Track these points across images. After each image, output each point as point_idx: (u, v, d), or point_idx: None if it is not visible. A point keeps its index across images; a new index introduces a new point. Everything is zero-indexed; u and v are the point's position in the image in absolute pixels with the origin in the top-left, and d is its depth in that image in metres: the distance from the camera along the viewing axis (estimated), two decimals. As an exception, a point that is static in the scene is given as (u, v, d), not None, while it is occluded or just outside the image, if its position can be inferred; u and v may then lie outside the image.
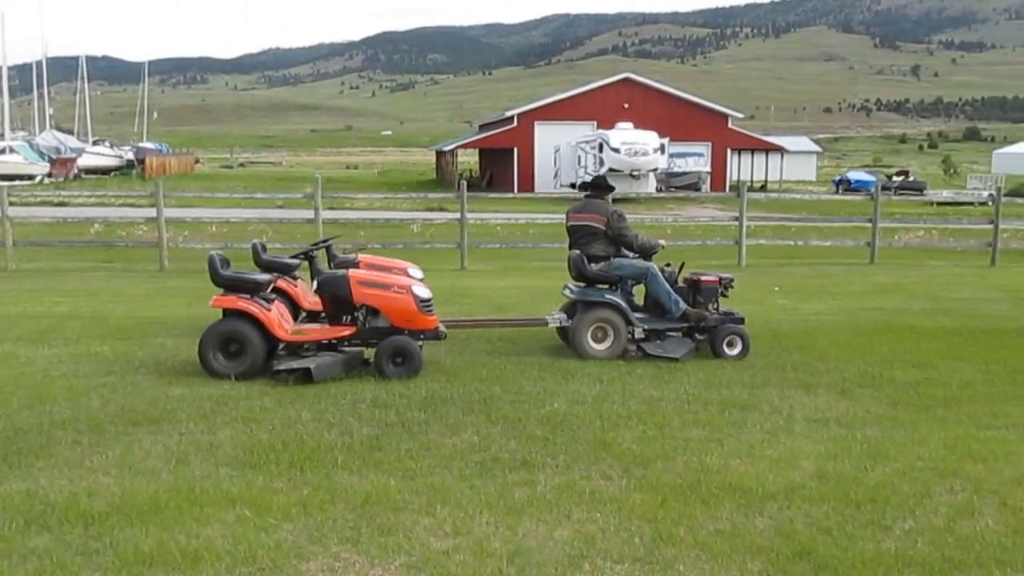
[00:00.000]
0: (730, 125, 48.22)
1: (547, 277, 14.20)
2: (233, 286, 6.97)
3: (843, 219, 22.45)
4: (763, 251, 17.24)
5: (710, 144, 46.70)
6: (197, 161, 71.72)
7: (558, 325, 8.35)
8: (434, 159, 68.14)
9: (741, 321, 8.17)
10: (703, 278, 8.29)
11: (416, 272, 8.59)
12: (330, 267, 8.46)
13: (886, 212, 29.41)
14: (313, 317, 8.13)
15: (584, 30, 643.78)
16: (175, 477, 4.69)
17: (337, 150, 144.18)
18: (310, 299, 8.21)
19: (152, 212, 15.81)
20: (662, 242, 8.60)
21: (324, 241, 9.24)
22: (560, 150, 43.22)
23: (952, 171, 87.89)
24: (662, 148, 38.63)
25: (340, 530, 4.06)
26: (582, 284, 8.15)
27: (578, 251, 8.10)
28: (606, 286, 8.05)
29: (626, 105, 44.63)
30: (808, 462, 5.04)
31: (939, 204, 39.69)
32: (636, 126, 39.45)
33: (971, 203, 35.65)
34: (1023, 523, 4.23)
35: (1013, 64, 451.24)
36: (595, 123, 43.42)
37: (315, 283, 7.52)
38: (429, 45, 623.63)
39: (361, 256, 8.98)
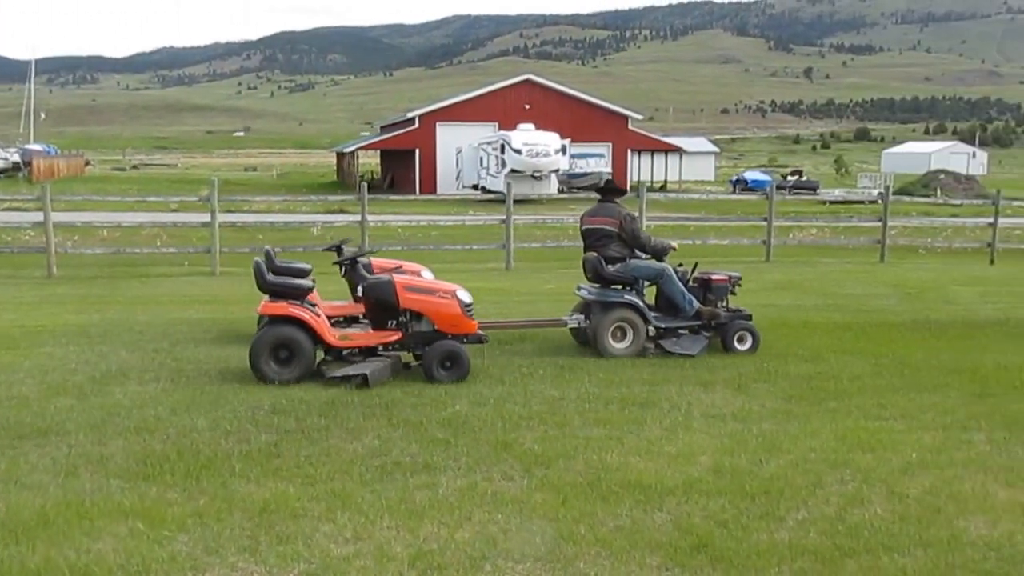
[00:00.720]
0: (630, 126, 48.95)
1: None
2: (279, 292, 6.90)
3: (740, 218, 23.02)
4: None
5: (611, 145, 47.32)
6: (87, 163, 69.06)
7: (576, 325, 8.51)
8: (335, 161, 67.22)
9: (749, 318, 8.50)
10: (714, 277, 8.61)
11: (428, 274, 8.49)
12: (341, 271, 8.42)
13: (781, 211, 30.29)
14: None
15: (485, 31, 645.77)
16: (64, 491, 4.49)
17: (235, 151, 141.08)
18: (327, 304, 8.03)
19: (39, 216, 15.14)
20: (674, 244, 8.77)
21: (339, 244, 9.10)
22: (462, 151, 43.18)
23: (844, 171, 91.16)
24: (563, 149, 38.98)
25: (238, 539, 3.95)
26: (596, 285, 8.33)
27: (595, 253, 8.27)
28: (621, 287, 8.25)
29: (527, 106, 44.88)
30: (706, 457, 5.14)
31: (831, 203, 41.14)
32: (538, 127, 39.67)
33: (861, 201, 36.94)
34: (909, 510, 4.39)
35: (900, 67, 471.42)
36: (497, 124, 43.52)
37: (360, 289, 7.49)
38: (329, 45, 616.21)
39: (373, 260, 8.78)
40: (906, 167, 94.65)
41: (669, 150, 53.93)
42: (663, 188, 51.39)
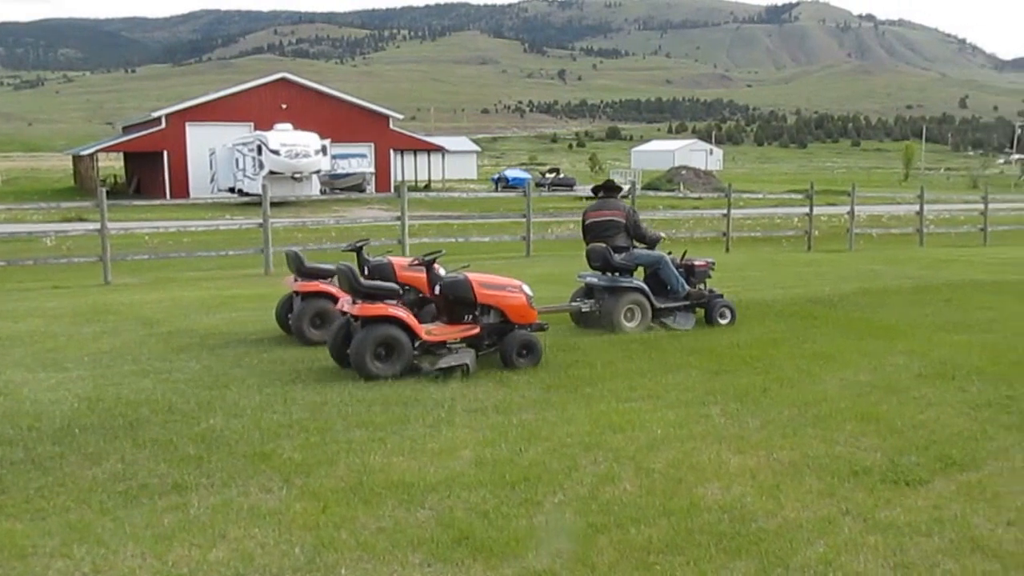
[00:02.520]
0: (392, 126, 48.98)
1: (203, 288, 13.58)
2: (373, 294, 7.26)
3: (501, 215, 23.60)
4: (426, 249, 17.66)
5: (373, 145, 47.13)
6: None
7: (588, 310, 9.32)
8: (71, 165, 62.36)
9: (722, 297, 9.69)
10: (696, 263, 9.83)
11: (441, 270, 8.40)
12: (361, 271, 8.67)
13: (540, 207, 31.41)
14: None
15: (236, 27, 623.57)
16: None
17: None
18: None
19: None
20: (662, 234, 10.12)
21: (358, 244, 9.34)
22: (216, 153, 41.48)
23: (598, 167, 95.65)
24: (324, 149, 38.34)
25: (-44, 588, 3.57)
26: (599, 273, 9.32)
27: (603, 243, 9.26)
28: (627, 273, 9.28)
29: (284, 106, 43.80)
30: (467, 451, 5.22)
31: (587, 198, 43.08)
32: (296, 127, 38.81)
33: (613, 197, 38.85)
34: (655, 483, 4.68)
35: (644, 70, 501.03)
36: (252, 124, 42.19)
37: (437, 287, 7.78)
38: (59, 38, 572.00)
39: (391, 258, 9.12)
40: (654, 164, 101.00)
41: (431, 149, 54.42)
42: (427, 187, 51.81)
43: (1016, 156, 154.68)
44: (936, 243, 23.02)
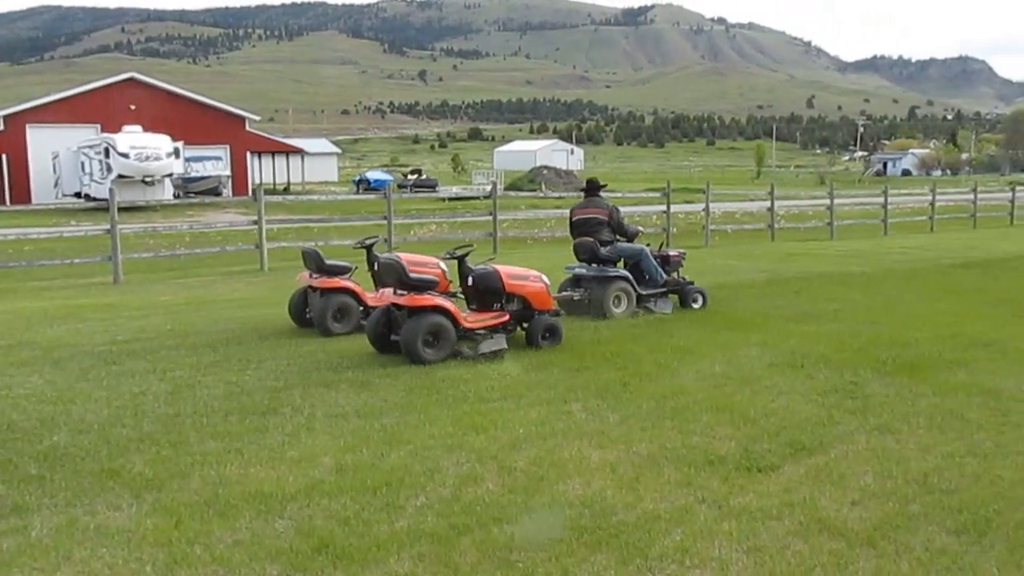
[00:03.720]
0: (248, 128, 47.72)
1: (47, 298, 12.87)
2: (419, 286, 7.81)
3: (362, 218, 23.28)
4: (285, 253, 17.26)
5: (228, 147, 45.80)
6: None
7: (578, 298, 10.02)
8: None
9: (693, 284, 10.71)
10: (670, 254, 10.88)
11: (444, 266, 8.66)
12: (371, 267, 9.31)
13: (402, 209, 31.21)
14: (369, 313, 8.76)
15: (80, 25, 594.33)
16: None
17: None
18: (370, 296, 9.11)
19: None
20: (641, 228, 11.51)
21: (368, 242, 9.91)
22: (60, 156, 39.42)
23: (460, 168, 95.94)
24: (176, 152, 36.99)
25: None
26: (585, 265, 10.24)
27: (591, 238, 10.18)
28: (611, 265, 10.19)
29: (133, 107, 41.99)
30: (328, 457, 5.11)
31: (450, 199, 43.12)
32: (146, 129, 37.28)
33: (477, 197, 38.97)
34: (517, 482, 4.70)
35: (505, 71, 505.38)
36: (99, 126, 40.30)
37: (469, 278, 8.33)
38: None
39: (399, 254, 9.01)
40: (516, 164, 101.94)
41: (290, 151, 53.35)
42: (286, 190, 50.70)
43: (860, 153, 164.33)
44: (786, 238, 24.14)
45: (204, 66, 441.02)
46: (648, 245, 10.72)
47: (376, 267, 9.01)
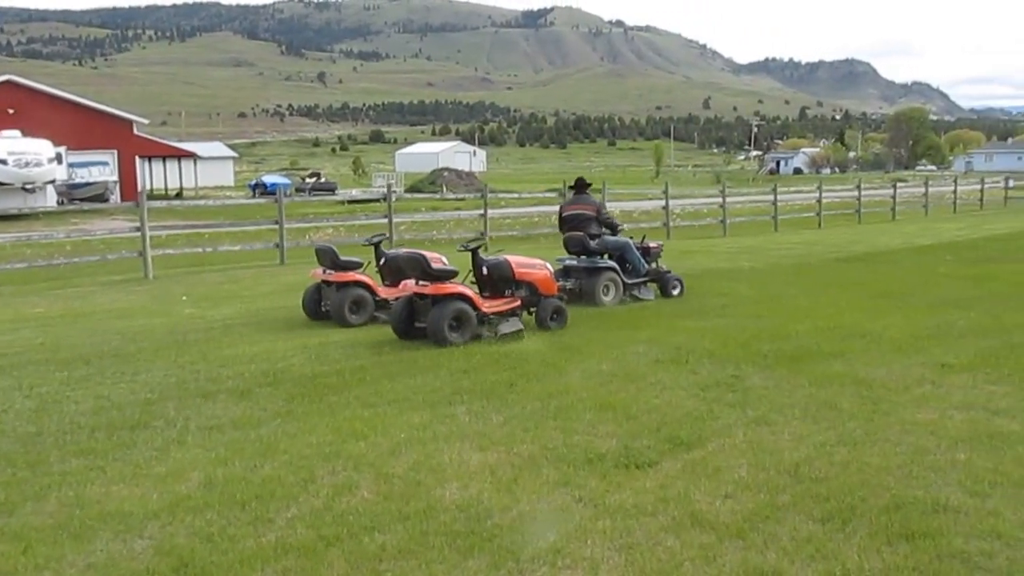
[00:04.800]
0: (137, 132, 46.20)
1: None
2: (442, 276, 8.53)
3: (254, 223, 22.80)
4: (173, 261, 16.75)
5: (116, 152, 44.22)
6: None
7: (571, 287, 10.75)
8: None
9: (671, 272, 11.75)
10: (651, 246, 11.88)
11: (444, 260, 9.15)
12: (378, 263, 10.18)
13: (299, 213, 30.67)
14: (382, 305, 9.77)
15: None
16: None
17: None
18: (381, 290, 9.90)
19: None
20: (621, 224, 12.21)
21: (376, 240, 10.72)
22: (-69, 162, 37.36)
23: (361, 171, 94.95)
24: (59, 158, 35.53)
25: None
26: (575, 257, 11.13)
27: (581, 232, 11.07)
28: (600, 256, 11.10)
29: (11, 111, 40.13)
30: (197, 472, 4.90)
31: (350, 202, 42.62)
32: (26, 134, 35.65)
33: (377, 200, 38.57)
34: (393, 488, 4.59)
35: (406, 73, 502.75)
36: (-25, 132, 38.35)
37: (483, 268, 9.08)
38: None
39: (404, 250, 10.42)
40: (418, 166, 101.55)
41: (182, 156, 51.84)
42: (179, 195, 49.30)
43: (755, 153, 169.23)
44: (682, 235, 24.57)
45: (91, 68, 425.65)
46: (631, 238, 11.69)
47: (383, 262, 10.10)
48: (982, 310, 9.88)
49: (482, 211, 20.67)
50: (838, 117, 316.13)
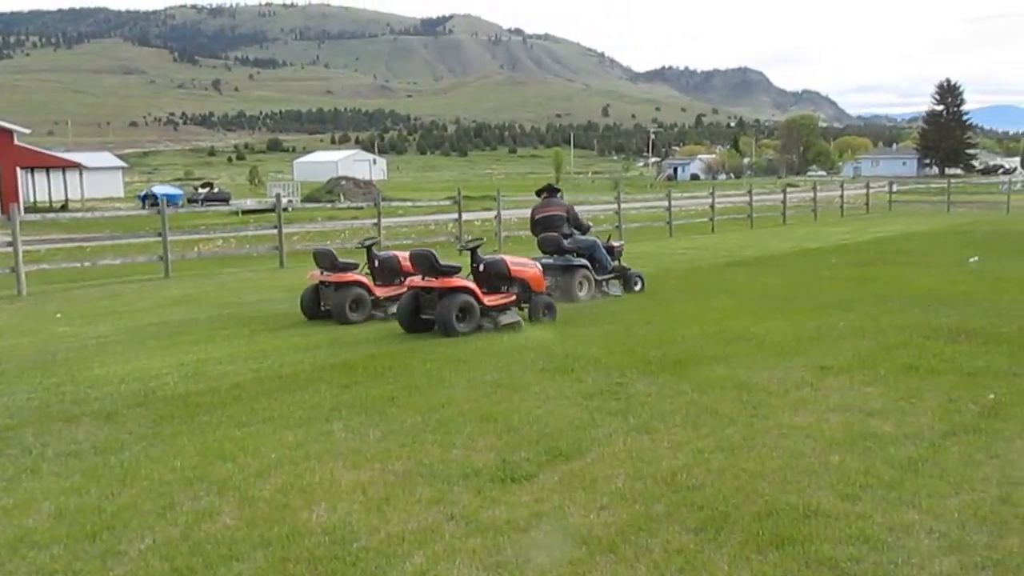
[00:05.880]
0: (17, 141, 44.19)
1: None
2: (448, 272, 9.15)
3: (136, 235, 22.01)
4: (49, 276, 15.97)
5: (-5, 162, 42.19)
6: None
7: (549, 283, 10.95)
8: None
9: (631, 269, 12.78)
10: (615, 244, 12.96)
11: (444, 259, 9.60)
12: (371, 264, 10.96)
13: (189, 224, 29.77)
14: (377, 304, 10.62)
15: None
16: None
17: None
18: (377, 290, 10.70)
19: None
20: (591, 224, 13.68)
21: (368, 243, 11.47)
22: None
23: (257, 180, 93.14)
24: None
25: None
26: (550, 256, 11.77)
27: (554, 233, 11.93)
28: (573, 255, 11.85)
29: None
30: (48, 503, 4.59)
31: (244, 213, 41.62)
32: None
33: (272, 210, 37.78)
34: (258, 512, 4.37)
35: (303, 80, 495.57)
36: None
37: (481, 265, 9.67)
38: None
39: (394, 252, 11.34)
40: (317, 175, 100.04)
41: (67, 166, 49.82)
42: (64, 208, 47.37)
43: (653, 159, 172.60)
44: (576, 242, 24.69)
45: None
46: (597, 237, 12.71)
47: (376, 264, 10.92)
48: (861, 311, 10.15)
49: (379, 219, 20.42)
50: (733, 124, 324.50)
